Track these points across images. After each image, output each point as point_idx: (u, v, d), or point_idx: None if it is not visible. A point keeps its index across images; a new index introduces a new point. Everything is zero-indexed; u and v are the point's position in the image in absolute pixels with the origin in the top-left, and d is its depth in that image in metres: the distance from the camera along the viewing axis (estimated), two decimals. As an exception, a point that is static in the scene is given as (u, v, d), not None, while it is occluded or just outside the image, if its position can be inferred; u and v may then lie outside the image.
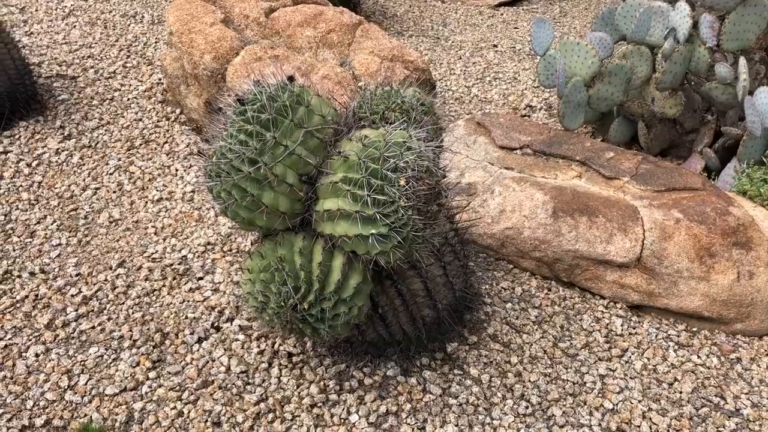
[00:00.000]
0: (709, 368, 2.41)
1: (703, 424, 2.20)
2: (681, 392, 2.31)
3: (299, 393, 2.19)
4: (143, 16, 4.81)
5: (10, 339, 2.31)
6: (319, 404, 2.16)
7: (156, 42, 4.43)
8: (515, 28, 5.52)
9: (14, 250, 2.69)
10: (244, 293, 2.00)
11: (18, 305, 2.44)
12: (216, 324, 2.42)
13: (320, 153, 1.91)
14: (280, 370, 2.26)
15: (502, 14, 5.83)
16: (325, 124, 1.93)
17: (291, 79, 1.98)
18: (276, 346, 2.34)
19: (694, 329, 2.57)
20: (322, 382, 2.22)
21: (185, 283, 2.59)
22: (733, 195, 2.86)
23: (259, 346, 2.34)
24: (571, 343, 2.46)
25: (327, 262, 1.92)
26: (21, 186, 3.02)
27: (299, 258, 1.91)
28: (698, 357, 2.45)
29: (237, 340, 2.36)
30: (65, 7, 4.81)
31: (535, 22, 3.63)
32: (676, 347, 2.49)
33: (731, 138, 3.30)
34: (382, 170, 1.79)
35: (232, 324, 2.42)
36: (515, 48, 5.06)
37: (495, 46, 5.09)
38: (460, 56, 4.83)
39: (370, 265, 1.94)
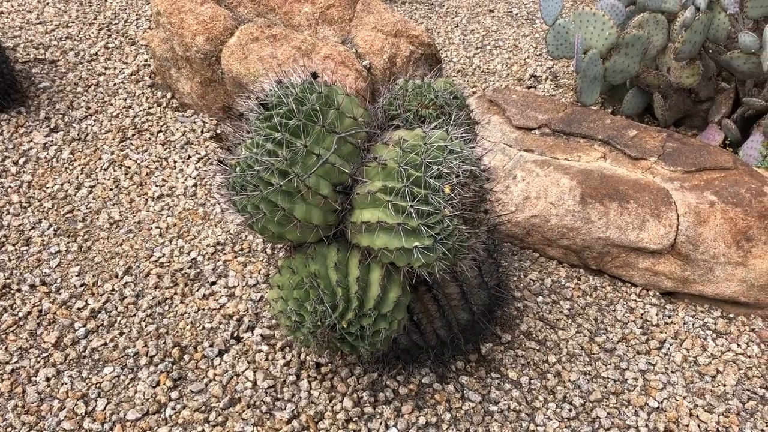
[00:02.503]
0: (750, 357, 2.34)
1: (752, 419, 2.13)
2: (725, 385, 2.23)
3: (332, 407, 2.07)
4: (120, -10, 4.52)
5: (16, 362, 2.16)
6: (354, 419, 2.04)
7: (137, 19, 4.17)
8: (509, -10, 5.31)
9: (10, 260, 2.50)
10: (275, 311, 1.86)
11: (21, 323, 2.28)
12: (236, 334, 2.28)
13: (354, 159, 1.76)
14: (310, 382, 2.14)
15: (493, -25, 5.60)
16: (358, 127, 1.77)
17: (315, 76, 1.81)
18: (302, 356, 2.21)
19: (730, 315, 2.50)
20: (355, 394, 2.11)
21: (198, 290, 2.44)
22: (763, 171, 2.75)
23: (284, 357, 2.21)
24: (608, 337, 2.37)
25: (364, 277, 1.78)
26: (10, 187, 2.82)
27: (335, 273, 1.77)
28: (738, 346, 2.37)
29: (260, 351, 2.22)
30: (35, -18, 4.50)
31: (544, -10, 3.45)
32: (714, 336, 2.41)
33: (751, 108, 3.18)
34: (425, 178, 1.64)
35: (253, 333, 2.28)
36: (512, 12, 4.87)
37: (491, 11, 4.89)
38: (457, 24, 4.64)
39: (411, 277, 1.81)
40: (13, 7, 4.16)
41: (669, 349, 2.35)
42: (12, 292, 2.38)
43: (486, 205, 1.78)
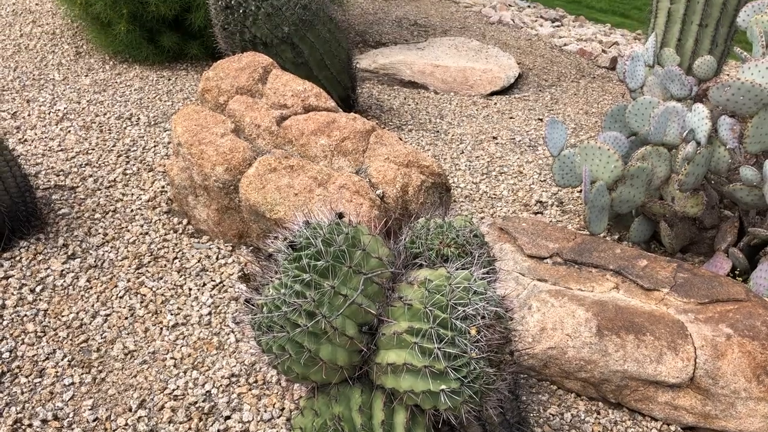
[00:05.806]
0: (780, 499, 2.27)
1: None
2: None
3: None
4: (139, 118, 4.72)
5: (24, 504, 2.09)
6: None
7: (155, 146, 4.32)
8: (511, 117, 5.54)
9: (23, 393, 2.47)
10: (297, 454, 1.83)
11: (31, 461, 2.22)
12: (251, 473, 2.22)
13: (380, 299, 1.78)
14: None
15: (495, 104, 5.86)
16: (383, 267, 1.81)
17: (341, 216, 1.87)
18: (320, 497, 2.14)
19: (756, 452, 2.44)
20: None
21: (212, 424, 2.39)
22: (775, 302, 2.78)
23: (300, 499, 2.14)
24: (632, 476, 2.31)
25: (389, 419, 1.76)
26: (26, 316, 2.82)
27: (359, 416, 1.75)
28: (767, 486, 2.31)
29: (276, 492, 2.16)
30: (58, 110, 4.71)
31: (549, 123, 3.62)
32: (741, 475, 2.35)
33: (757, 238, 3.25)
34: (451, 320, 1.66)
35: (268, 472, 2.22)
36: (515, 140, 5.05)
37: (494, 138, 5.08)
38: (462, 150, 4.80)
39: (436, 420, 1.78)
40: (36, 135, 4.33)
41: (696, 489, 2.28)
42: (23, 428, 2.34)
43: (511, 346, 1.79)
